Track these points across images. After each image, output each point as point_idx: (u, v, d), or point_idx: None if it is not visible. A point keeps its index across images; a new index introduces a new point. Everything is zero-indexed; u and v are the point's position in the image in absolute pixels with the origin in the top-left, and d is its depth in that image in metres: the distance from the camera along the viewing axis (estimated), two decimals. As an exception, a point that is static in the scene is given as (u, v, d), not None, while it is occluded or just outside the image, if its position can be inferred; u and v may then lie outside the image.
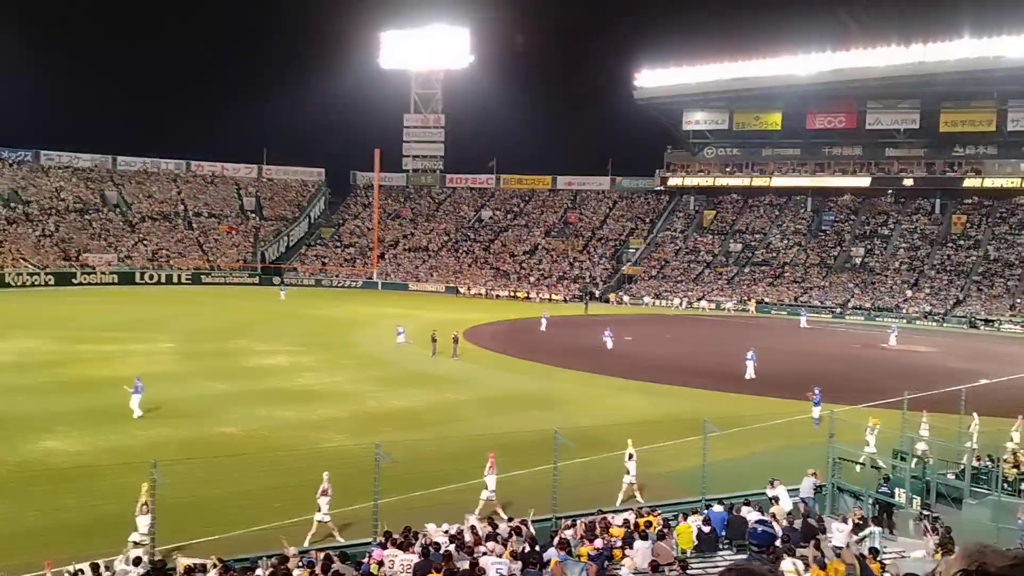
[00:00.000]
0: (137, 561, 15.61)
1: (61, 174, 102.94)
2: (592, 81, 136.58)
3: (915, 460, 22.81)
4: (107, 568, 15.37)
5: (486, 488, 20.94)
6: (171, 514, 17.59)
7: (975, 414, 27.76)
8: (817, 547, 16.56)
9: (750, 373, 42.59)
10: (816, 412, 32.00)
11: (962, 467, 22.31)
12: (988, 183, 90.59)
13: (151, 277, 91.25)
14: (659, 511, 19.79)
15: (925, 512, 19.11)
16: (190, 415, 30.75)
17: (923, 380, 40.44)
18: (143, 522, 17.18)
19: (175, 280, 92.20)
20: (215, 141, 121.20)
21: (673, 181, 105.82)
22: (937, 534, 17.42)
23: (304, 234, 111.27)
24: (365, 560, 15.99)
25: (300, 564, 15.50)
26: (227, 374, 39.24)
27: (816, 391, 32.85)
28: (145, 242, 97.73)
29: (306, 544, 18.20)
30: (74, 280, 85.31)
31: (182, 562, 15.88)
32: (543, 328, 59.22)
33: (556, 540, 16.08)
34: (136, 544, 16.91)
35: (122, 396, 30.37)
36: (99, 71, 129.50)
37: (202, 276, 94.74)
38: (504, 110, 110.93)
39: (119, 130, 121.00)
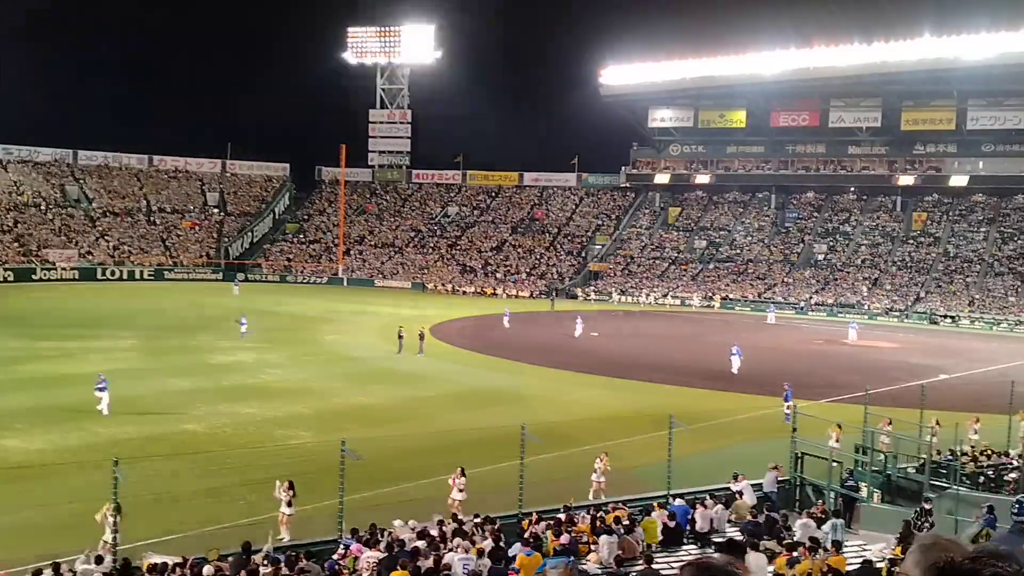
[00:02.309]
0: (100, 560, 15.44)
1: (20, 168, 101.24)
2: (559, 78, 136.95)
3: (881, 455, 23.12)
4: (69, 568, 15.18)
5: (458, 491, 20.87)
6: (134, 512, 17.41)
7: (936, 421, 28.06)
8: (780, 541, 16.77)
9: (735, 368, 42.87)
10: (787, 407, 32.30)
11: (922, 461, 22.65)
12: (948, 181, 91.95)
13: (113, 273, 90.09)
14: (625, 506, 19.90)
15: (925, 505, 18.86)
16: (153, 412, 30.43)
17: (884, 376, 41.04)
18: (108, 521, 16.93)
19: (137, 276, 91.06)
20: (178, 135, 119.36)
21: (639, 178, 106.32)
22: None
23: (269, 230, 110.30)
24: (339, 555, 15.93)
25: (266, 562, 15.42)
26: (190, 371, 38.89)
27: (786, 387, 33.11)
28: (107, 238, 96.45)
29: (286, 539, 18.19)
30: (34, 276, 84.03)
31: (145, 560, 15.74)
32: (506, 325, 59.15)
33: (524, 535, 16.12)
34: (108, 543, 16.69)
35: (83, 393, 30.01)
36: (59, 64, 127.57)
37: (165, 272, 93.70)
38: (471, 106, 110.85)
39: (80, 124, 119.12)
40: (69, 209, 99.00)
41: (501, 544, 15.73)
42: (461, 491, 20.79)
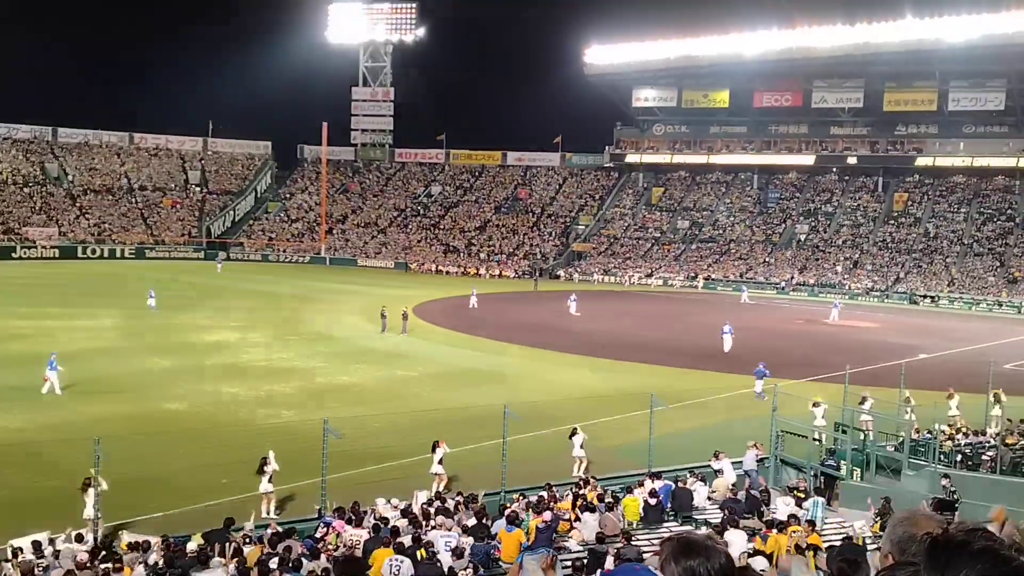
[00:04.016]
0: (80, 538, 15.43)
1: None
2: (542, 56, 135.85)
3: (861, 434, 23.34)
4: (50, 545, 15.16)
5: (434, 463, 20.93)
6: (116, 491, 17.39)
7: (911, 398, 28.29)
8: (760, 517, 16.93)
9: (727, 346, 43.01)
10: (759, 386, 32.55)
11: (901, 439, 22.88)
12: (929, 162, 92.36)
13: (94, 251, 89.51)
14: (606, 484, 20.04)
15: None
16: (134, 391, 30.32)
17: (865, 355, 41.31)
18: (89, 498, 16.90)
19: (119, 255, 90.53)
20: (159, 113, 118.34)
21: (622, 158, 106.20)
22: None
23: (251, 208, 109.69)
24: (320, 533, 15.98)
25: (249, 540, 15.45)
26: (172, 349, 38.74)
27: (761, 366, 33.32)
28: (87, 215, 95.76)
29: (270, 516, 18.23)
30: (14, 255, 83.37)
31: (125, 539, 15.74)
32: (472, 306, 58.81)
33: (506, 513, 16.21)
34: (89, 521, 16.67)
35: (64, 372, 29.86)
36: (38, 40, 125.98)
37: (146, 251, 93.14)
38: (454, 84, 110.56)
39: (59, 101, 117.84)
40: (49, 187, 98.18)
41: (484, 521, 15.83)
42: (439, 463, 20.86)
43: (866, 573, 5.10)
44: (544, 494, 18.29)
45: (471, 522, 15.90)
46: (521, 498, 18.19)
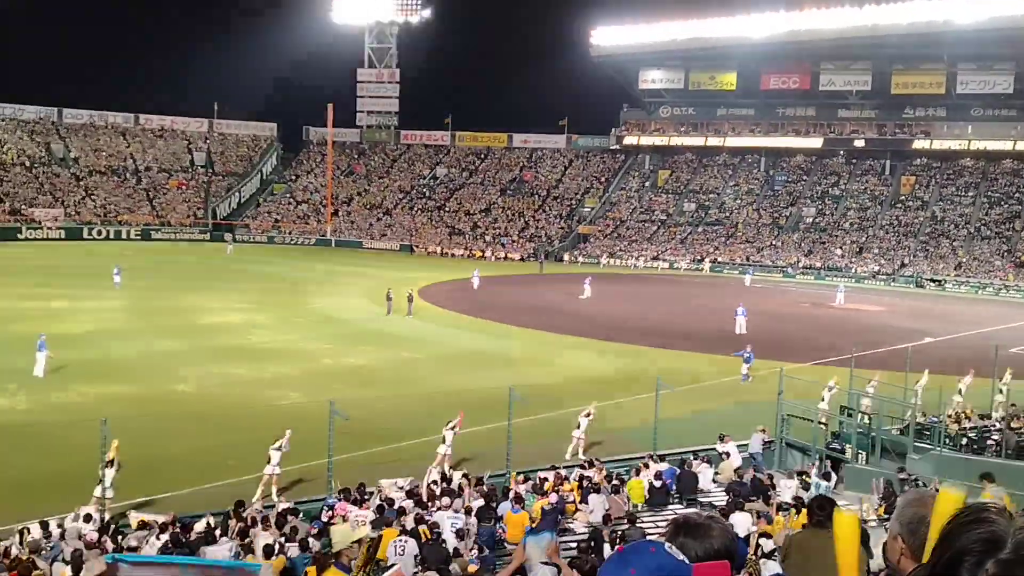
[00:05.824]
0: (88, 518, 15.51)
1: (5, 127, 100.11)
2: (548, 38, 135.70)
3: (863, 416, 23.35)
4: (58, 526, 15.25)
5: (443, 443, 20.99)
6: (124, 471, 17.48)
7: (926, 371, 28.31)
8: (766, 501, 16.97)
9: (741, 328, 42.98)
10: (744, 368, 32.59)
11: (906, 422, 22.90)
12: (936, 145, 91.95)
13: (99, 233, 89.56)
14: (612, 466, 20.09)
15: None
16: (141, 372, 30.41)
17: (870, 338, 41.23)
18: (108, 475, 16.98)
19: (124, 236, 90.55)
20: (164, 94, 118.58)
21: (628, 140, 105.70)
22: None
23: (256, 190, 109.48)
24: (325, 516, 16.05)
25: (254, 520, 15.51)
26: (179, 331, 38.83)
27: (748, 348, 33.25)
28: (93, 197, 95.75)
29: (258, 496, 18.30)
30: (19, 235, 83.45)
31: (134, 518, 15.83)
32: (475, 286, 58.87)
33: (511, 495, 16.26)
34: (97, 497, 16.75)
35: (70, 353, 29.96)
36: (43, 21, 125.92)
37: (152, 232, 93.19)
38: (460, 66, 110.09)
39: (65, 82, 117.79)
40: (54, 168, 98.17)
41: (492, 504, 15.90)
42: (445, 443, 20.93)
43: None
44: (549, 476, 18.36)
45: (478, 503, 15.96)
46: (520, 476, 18.26)
